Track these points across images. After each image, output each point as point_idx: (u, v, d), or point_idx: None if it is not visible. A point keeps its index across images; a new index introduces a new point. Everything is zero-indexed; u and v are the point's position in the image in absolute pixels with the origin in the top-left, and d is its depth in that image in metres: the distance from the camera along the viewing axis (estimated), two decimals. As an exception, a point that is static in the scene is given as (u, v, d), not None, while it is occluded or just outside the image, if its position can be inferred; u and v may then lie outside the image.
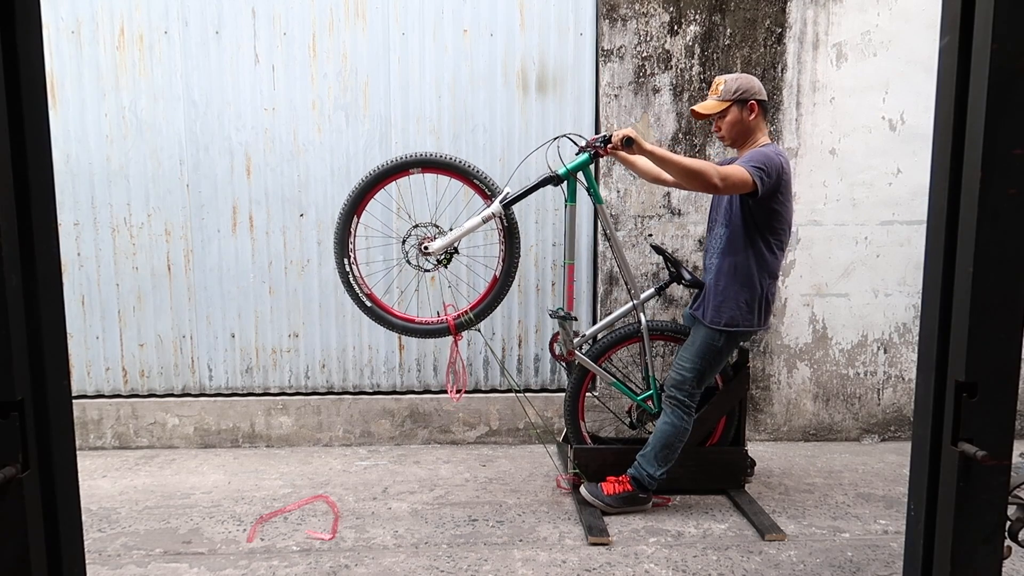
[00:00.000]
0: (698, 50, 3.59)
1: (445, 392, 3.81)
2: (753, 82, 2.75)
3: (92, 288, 3.69)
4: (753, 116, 2.74)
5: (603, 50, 3.58)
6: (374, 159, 3.66)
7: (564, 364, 3.17)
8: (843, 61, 3.63)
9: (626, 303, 3.75)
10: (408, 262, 2.92)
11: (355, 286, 2.89)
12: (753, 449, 3.61)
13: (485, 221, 2.82)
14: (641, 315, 3.04)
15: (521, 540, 2.66)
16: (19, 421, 0.93)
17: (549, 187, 2.86)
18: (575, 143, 2.88)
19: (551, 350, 3.14)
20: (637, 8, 3.55)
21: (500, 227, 2.89)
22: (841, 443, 3.82)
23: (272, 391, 3.79)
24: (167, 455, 3.63)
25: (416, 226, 2.91)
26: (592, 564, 2.47)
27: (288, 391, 3.79)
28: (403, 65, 3.62)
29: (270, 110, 3.61)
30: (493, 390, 3.84)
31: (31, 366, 0.96)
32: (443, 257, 2.88)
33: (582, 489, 2.94)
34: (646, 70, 3.59)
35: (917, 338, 1.87)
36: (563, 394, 3.78)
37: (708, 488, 3.07)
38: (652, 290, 3.15)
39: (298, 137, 3.64)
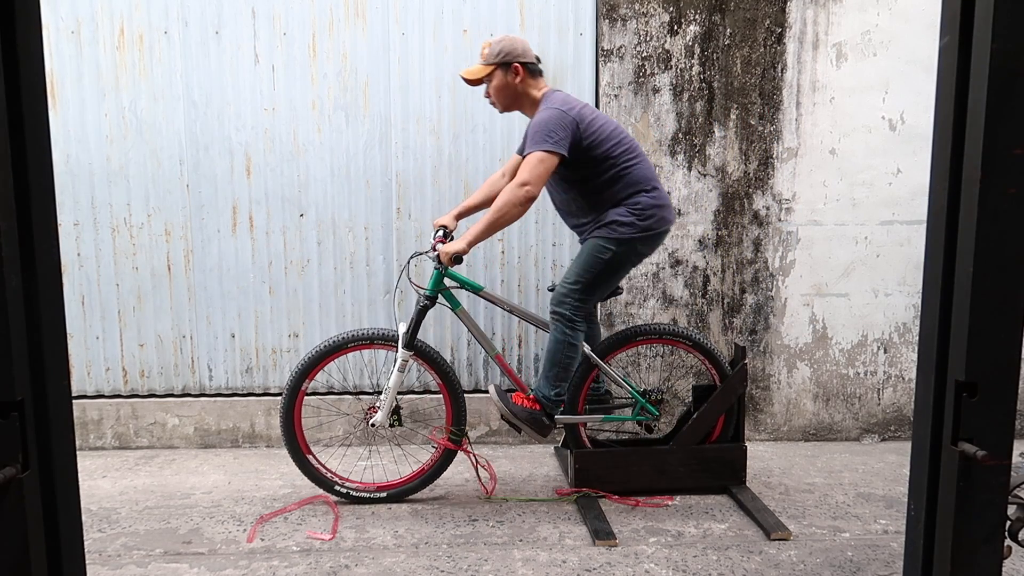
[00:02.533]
0: (698, 50, 3.59)
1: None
2: (516, 43, 2.72)
3: (92, 288, 3.69)
4: (519, 79, 2.71)
5: (603, 50, 3.58)
6: (374, 159, 3.66)
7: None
8: (843, 61, 3.63)
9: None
10: (361, 440, 3.04)
11: (297, 442, 2.97)
12: (753, 449, 3.61)
13: (403, 371, 2.91)
14: (584, 348, 2.95)
15: (521, 540, 2.66)
16: (19, 421, 0.94)
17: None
18: (429, 258, 2.96)
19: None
20: (637, 8, 3.55)
21: (420, 362, 2.95)
22: (841, 443, 3.82)
23: (272, 391, 3.79)
24: (167, 455, 3.63)
25: (367, 409, 3.02)
26: (592, 564, 2.47)
27: (288, 391, 3.79)
28: (403, 65, 3.62)
29: (270, 110, 3.61)
30: (493, 390, 3.83)
31: (31, 366, 0.97)
32: (392, 421, 2.97)
33: (490, 388, 2.89)
34: (646, 70, 3.59)
35: (917, 338, 1.87)
36: (563, 394, 3.79)
37: (710, 485, 3.08)
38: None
39: (298, 137, 3.64)
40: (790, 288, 3.74)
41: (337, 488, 2.99)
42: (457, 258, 2.69)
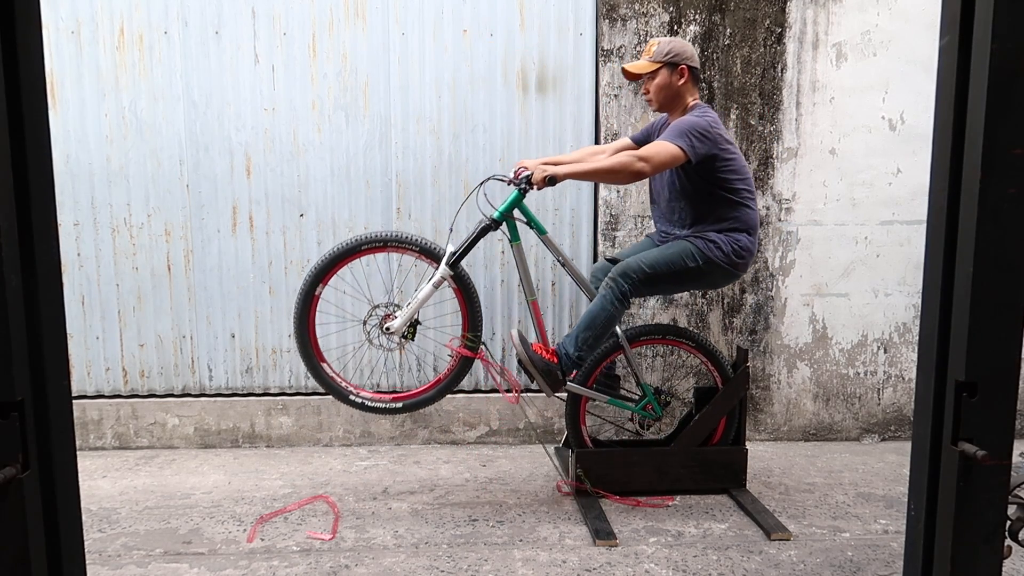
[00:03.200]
0: (698, 50, 3.58)
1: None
2: (687, 47, 2.76)
3: (92, 288, 3.69)
4: (683, 81, 2.75)
5: (603, 50, 3.58)
6: (374, 159, 3.66)
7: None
8: (843, 61, 3.63)
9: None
10: (371, 343, 2.95)
11: (312, 355, 2.92)
12: (753, 449, 3.61)
13: (437, 287, 2.85)
14: (617, 328, 2.99)
15: (521, 540, 2.66)
16: (19, 421, 0.93)
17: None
18: (504, 182, 2.91)
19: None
20: (637, 8, 3.55)
21: (454, 286, 2.91)
22: (841, 443, 3.82)
23: (272, 391, 3.79)
24: (167, 455, 3.63)
25: (376, 307, 2.96)
26: (592, 564, 2.47)
27: (288, 391, 3.79)
28: (403, 65, 3.62)
29: (270, 110, 3.61)
30: (493, 390, 3.84)
31: (31, 366, 0.96)
32: (407, 332, 2.90)
33: (512, 332, 2.88)
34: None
35: (917, 338, 1.87)
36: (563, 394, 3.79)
37: (710, 488, 3.08)
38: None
39: (298, 137, 3.64)
40: (790, 288, 3.74)
41: (352, 398, 2.93)
42: (551, 180, 2.63)
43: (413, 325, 2.89)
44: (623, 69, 2.83)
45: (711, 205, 2.78)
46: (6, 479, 0.90)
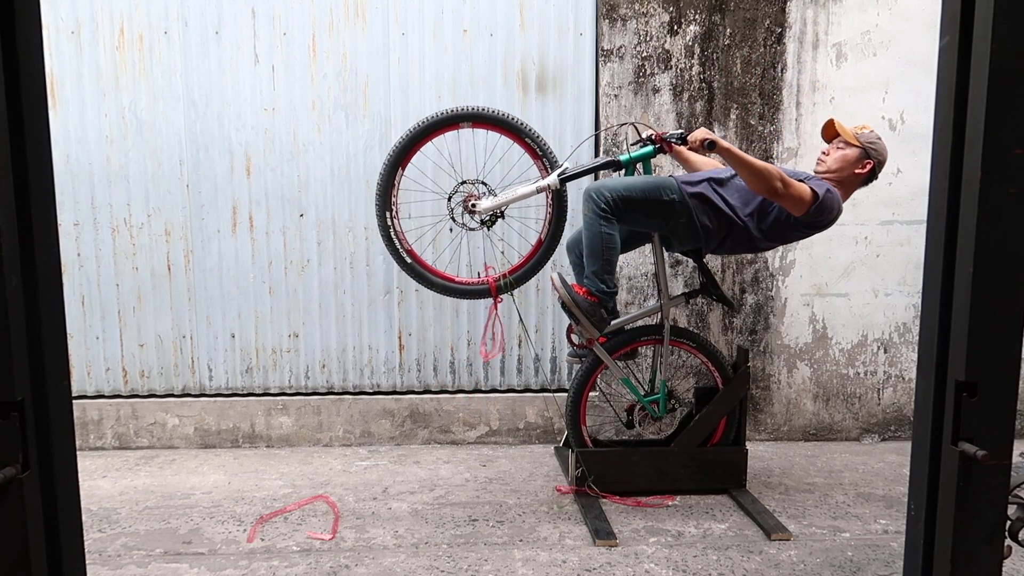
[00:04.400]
0: (698, 50, 3.59)
1: (445, 392, 3.81)
2: (885, 153, 2.80)
3: (92, 288, 3.69)
4: (861, 173, 2.77)
5: (603, 50, 3.58)
6: (374, 159, 3.66)
7: (576, 355, 3.13)
8: (843, 61, 3.63)
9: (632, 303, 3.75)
10: (453, 219, 2.91)
11: (395, 241, 2.87)
12: (753, 449, 3.61)
13: (539, 191, 2.82)
14: (665, 318, 3.03)
15: (521, 540, 2.66)
16: (19, 421, 0.93)
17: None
18: (639, 133, 2.94)
19: (568, 338, 3.12)
20: (637, 8, 3.55)
21: (549, 198, 2.89)
22: (841, 443, 3.82)
23: (272, 391, 3.79)
24: (167, 455, 3.63)
25: (463, 182, 2.89)
26: (592, 564, 2.47)
27: (288, 391, 3.79)
28: (403, 65, 3.62)
29: (270, 110, 3.61)
30: (493, 390, 3.84)
31: (31, 366, 0.96)
32: (488, 218, 2.86)
33: (553, 275, 2.86)
34: (646, 70, 3.59)
35: (917, 338, 1.87)
36: (563, 394, 3.79)
37: (710, 488, 3.08)
38: (680, 294, 3.13)
39: (298, 137, 3.64)
40: (790, 288, 3.74)
41: (401, 255, 2.88)
42: (711, 144, 2.65)
43: (496, 216, 2.86)
44: (832, 120, 2.82)
45: (777, 230, 2.80)
46: (6, 479, 0.90)
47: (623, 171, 2.92)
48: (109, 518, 2.85)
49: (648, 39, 3.57)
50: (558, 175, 2.82)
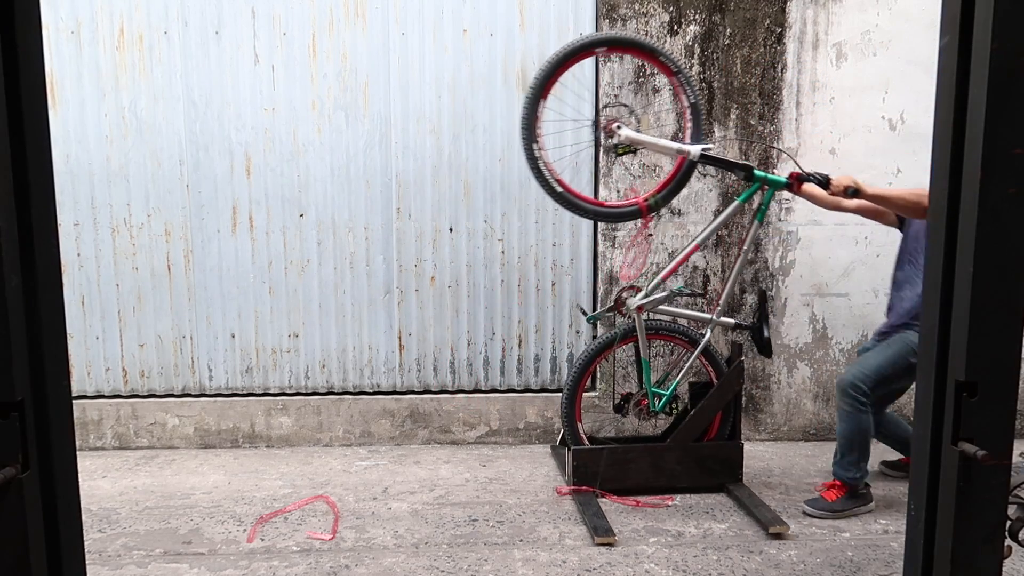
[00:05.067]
0: (698, 50, 3.59)
1: (445, 392, 3.81)
2: None
3: (92, 288, 3.69)
4: None
5: (603, 50, 3.58)
6: (374, 159, 3.66)
7: (619, 313, 3.12)
8: (843, 61, 3.63)
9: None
10: (598, 142, 2.93)
11: (544, 172, 2.87)
12: (753, 449, 3.61)
13: (676, 152, 2.85)
14: (709, 331, 3.05)
15: (521, 540, 2.66)
16: (19, 421, 0.93)
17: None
18: (787, 155, 3.08)
19: (617, 299, 3.09)
20: (637, 8, 3.55)
21: (680, 161, 2.89)
22: (841, 443, 3.82)
23: (272, 391, 3.79)
24: (167, 455, 3.63)
25: (606, 106, 2.92)
26: (592, 564, 2.47)
27: (288, 391, 3.79)
28: (403, 65, 3.62)
29: (270, 110, 3.61)
30: (493, 390, 3.84)
31: (31, 366, 0.96)
32: (623, 148, 2.88)
33: (806, 507, 2.87)
34: (646, 70, 3.58)
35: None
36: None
37: (706, 483, 3.08)
38: (733, 321, 3.13)
39: (298, 137, 3.64)
40: (790, 288, 3.74)
41: (551, 185, 2.87)
42: (853, 192, 2.67)
43: (629, 149, 2.88)
44: None
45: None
46: (6, 479, 0.90)
47: (749, 182, 2.92)
48: (109, 518, 2.85)
49: (648, 39, 3.57)
50: (702, 149, 2.84)
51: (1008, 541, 1.14)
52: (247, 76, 3.59)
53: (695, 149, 2.84)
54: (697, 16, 3.57)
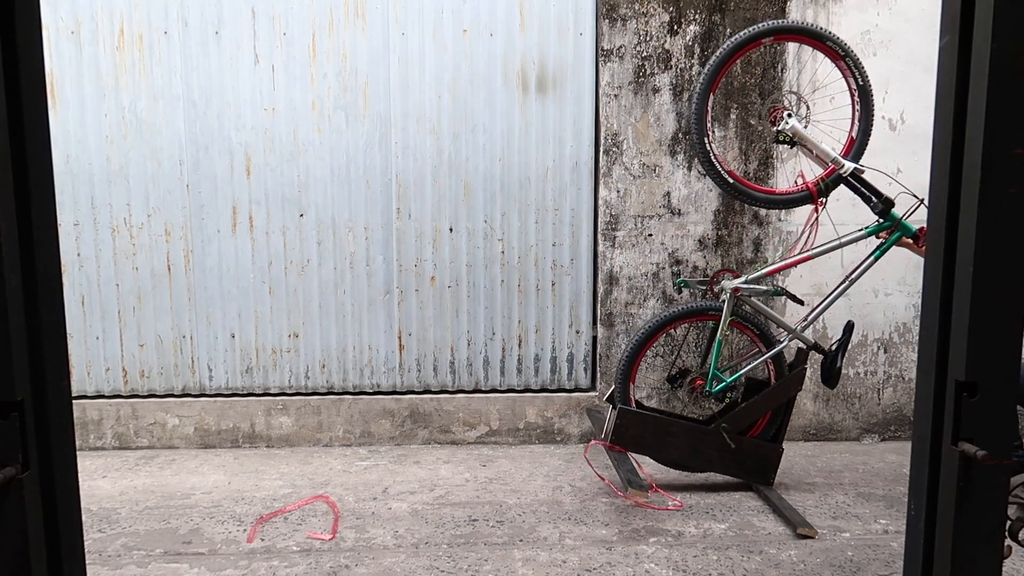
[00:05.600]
0: (698, 50, 3.58)
1: (445, 392, 3.81)
2: None
3: (92, 288, 3.69)
4: None
5: (603, 50, 3.58)
6: (374, 159, 3.66)
7: (708, 292, 3.12)
8: (843, 61, 3.62)
9: (636, 306, 3.74)
10: (772, 125, 2.96)
11: (716, 164, 2.91)
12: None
13: (828, 161, 2.89)
14: (787, 339, 3.05)
15: (521, 540, 2.66)
16: (19, 421, 0.93)
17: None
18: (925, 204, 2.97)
19: (713, 276, 3.09)
20: (637, 8, 3.55)
21: (827, 172, 2.92)
22: (841, 443, 3.82)
23: (272, 391, 3.79)
24: (167, 455, 3.63)
25: (772, 95, 3.00)
26: (592, 564, 2.47)
27: (288, 391, 3.80)
28: (403, 65, 3.62)
29: (270, 110, 3.61)
30: (493, 390, 3.84)
31: (31, 366, 0.96)
32: (785, 136, 2.91)
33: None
34: (646, 70, 3.59)
35: (917, 338, 1.87)
36: (563, 394, 3.80)
37: (737, 478, 3.08)
38: (813, 340, 3.10)
39: (298, 137, 3.64)
40: (790, 288, 3.74)
41: (723, 177, 2.92)
42: None
43: (789, 139, 2.91)
44: None
45: None
46: (6, 479, 0.90)
47: (881, 219, 2.92)
48: (109, 518, 2.85)
49: (648, 39, 3.57)
50: (855, 167, 2.88)
51: (1008, 541, 1.14)
52: (247, 76, 3.59)
53: (849, 165, 2.88)
54: (697, 16, 3.57)
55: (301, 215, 3.69)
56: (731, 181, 2.93)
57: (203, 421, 3.73)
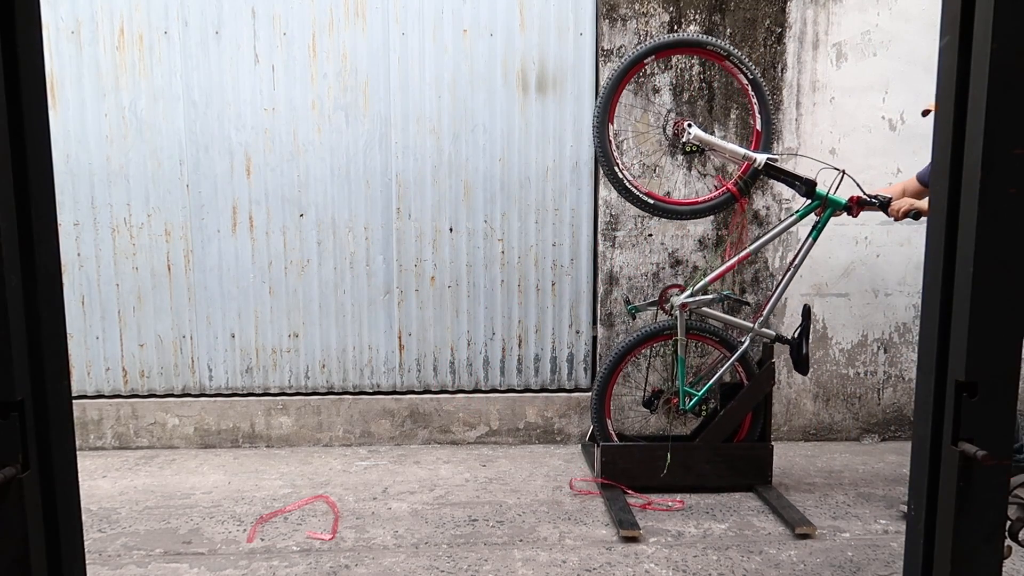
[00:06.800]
0: (698, 50, 3.58)
1: (445, 392, 3.81)
2: None
3: (92, 288, 3.69)
4: None
5: (603, 50, 3.58)
6: (374, 159, 3.66)
7: (663, 311, 3.12)
8: (843, 61, 3.63)
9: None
10: (672, 146, 3.00)
11: (634, 191, 2.93)
12: (753, 449, 3.61)
13: (741, 159, 2.89)
14: (748, 339, 3.05)
15: (521, 540, 2.66)
16: (19, 421, 0.93)
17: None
18: (854, 181, 3.01)
19: (661, 295, 3.10)
20: (637, 8, 3.55)
21: (744, 168, 2.93)
22: (841, 443, 3.82)
23: (272, 391, 3.79)
24: (167, 455, 3.63)
25: (669, 111, 2.97)
26: (592, 564, 2.47)
27: (288, 391, 3.80)
28: (403, 65, 3.62)
29: (270, 110, 3.61)
30: (493, 390, 3.84)
31: (31, 366, 0.96)
32: (692, 147, 2.92)
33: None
34: (646, 70, 3.58)
35: (917, 338, 1.87)
36: (563, 394, 3.80)
37: (736, 483, 3.08)
38: (774, 333, 3.10)
39: (298, 137, 3.64)
40: (790, 288, 3.74)
41: (642, 200, 2.94)
42: (915, 214, 2.67)
43: (697, 149, 2.92)
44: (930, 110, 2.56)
45: None
46: (6, 479, 0.90)
47: (809, 199, 2.94)
48: (109, 518, 2.85)
49: (648, 39, 3.57)
50: (767, 158, 2.88)
51: (1008, 541, 1.14)
52: (247, 76, 3.59)
53: (761, 157, 2.89)
54: (697, 16, 3.57)
55: (301, 215, 3.69)
56: (651, 201, 2.94)
57: (203, 421, 3.73)
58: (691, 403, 3.07)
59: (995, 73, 0.98)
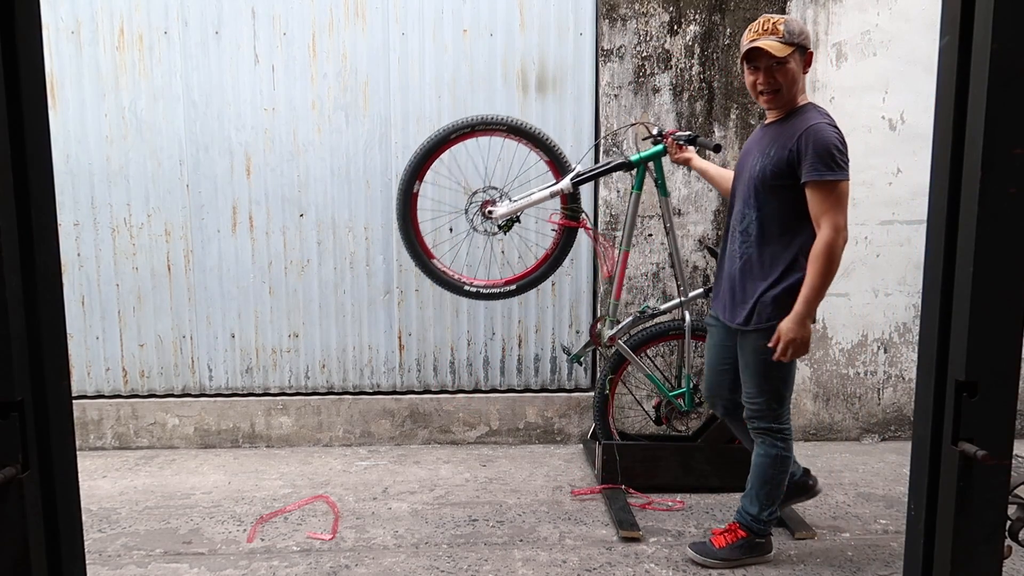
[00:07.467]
0: (698, 50, 3.58)
1: (445, 392, 3.81)
2: (807, 28, 2.30)
3: (92, 288, 3.69)
4: (807, 70, 2.28)
5: (603, 50, 3.58)
6: (374, 159, 3.66)
7: (599, 350, 3.16)
8: (843, 61, 3.63)
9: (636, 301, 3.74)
10: (475, 229, 2.97)
11: (451, 280, 2.97)
12: (753, 449, 3.61)
13: (552, 196, 2.85)
14: (686, 313, 3.05)
15: (521, 540, 2.66)
16: (19, 421, 0.93)
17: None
18: (649, 131, 2.95)
19: (592, 334, 3.14)
20: (637, 8, 3.55)
21: (563, 200, 2.92)
22: (841, 443, 3.82)
23: (272, 391, 3.79)
24: (167, 455, 3.63)
25: (475, 192, 2.95)
26: (592, 564, 2.47)
27: (288, 391, 3.79)
28: (403, 65, 3.62)
29: (270, 110, 3.61)
30: (493, 390, 3.84)
31: (31, 366, 0.96)
32: (504, 224, 2.91)
33: (689, 551, 2.49)
34: (646, 70, 3.58)
35: (917, 338, 1.86)
36: (563, 394, 3.80)
37: (736, 484, 3.07)
38: (701, 290, 3.15)
39: (298, 137, 3.64)
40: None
41: (467, 288, 2.97)
42: (716, 147, 2.62)
43: (512, 221, 2.91)
44: (758, 47, 2.20)
45: (791, 231, 2.35)
46: (6, 479, 0.90)
47: (634, 171, 2.93)
48: (109, 518, 2.85)
49: (648, 39, 3.57)
50: (571, 179, 2.85)
51: (1008, 541, 1.14)
52: (247, 76, 3.59)
53: (565, 182, 2.86)
54: (697, 16, 3.57)
55: (301, 215, 3.69)
56: (472, 289, 2.98)
57: (203, 421, 3.73)
58: (687, 400, 3.08)
59: (995, 73, 0.98)
